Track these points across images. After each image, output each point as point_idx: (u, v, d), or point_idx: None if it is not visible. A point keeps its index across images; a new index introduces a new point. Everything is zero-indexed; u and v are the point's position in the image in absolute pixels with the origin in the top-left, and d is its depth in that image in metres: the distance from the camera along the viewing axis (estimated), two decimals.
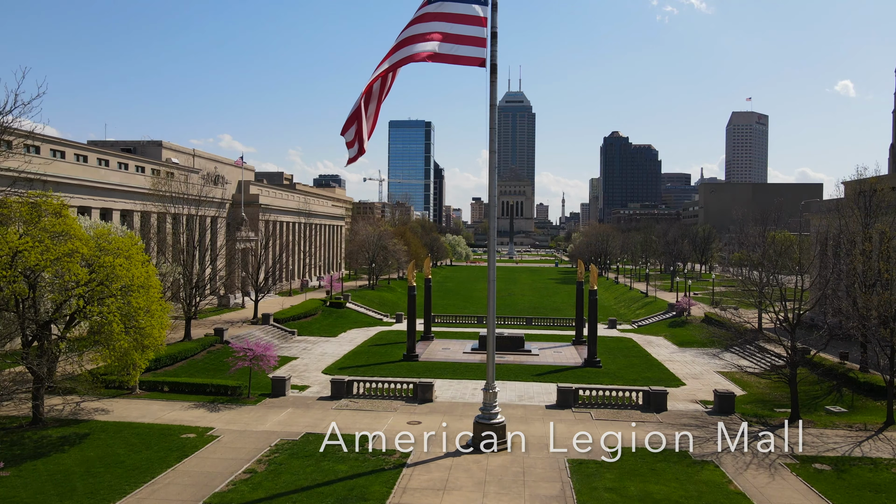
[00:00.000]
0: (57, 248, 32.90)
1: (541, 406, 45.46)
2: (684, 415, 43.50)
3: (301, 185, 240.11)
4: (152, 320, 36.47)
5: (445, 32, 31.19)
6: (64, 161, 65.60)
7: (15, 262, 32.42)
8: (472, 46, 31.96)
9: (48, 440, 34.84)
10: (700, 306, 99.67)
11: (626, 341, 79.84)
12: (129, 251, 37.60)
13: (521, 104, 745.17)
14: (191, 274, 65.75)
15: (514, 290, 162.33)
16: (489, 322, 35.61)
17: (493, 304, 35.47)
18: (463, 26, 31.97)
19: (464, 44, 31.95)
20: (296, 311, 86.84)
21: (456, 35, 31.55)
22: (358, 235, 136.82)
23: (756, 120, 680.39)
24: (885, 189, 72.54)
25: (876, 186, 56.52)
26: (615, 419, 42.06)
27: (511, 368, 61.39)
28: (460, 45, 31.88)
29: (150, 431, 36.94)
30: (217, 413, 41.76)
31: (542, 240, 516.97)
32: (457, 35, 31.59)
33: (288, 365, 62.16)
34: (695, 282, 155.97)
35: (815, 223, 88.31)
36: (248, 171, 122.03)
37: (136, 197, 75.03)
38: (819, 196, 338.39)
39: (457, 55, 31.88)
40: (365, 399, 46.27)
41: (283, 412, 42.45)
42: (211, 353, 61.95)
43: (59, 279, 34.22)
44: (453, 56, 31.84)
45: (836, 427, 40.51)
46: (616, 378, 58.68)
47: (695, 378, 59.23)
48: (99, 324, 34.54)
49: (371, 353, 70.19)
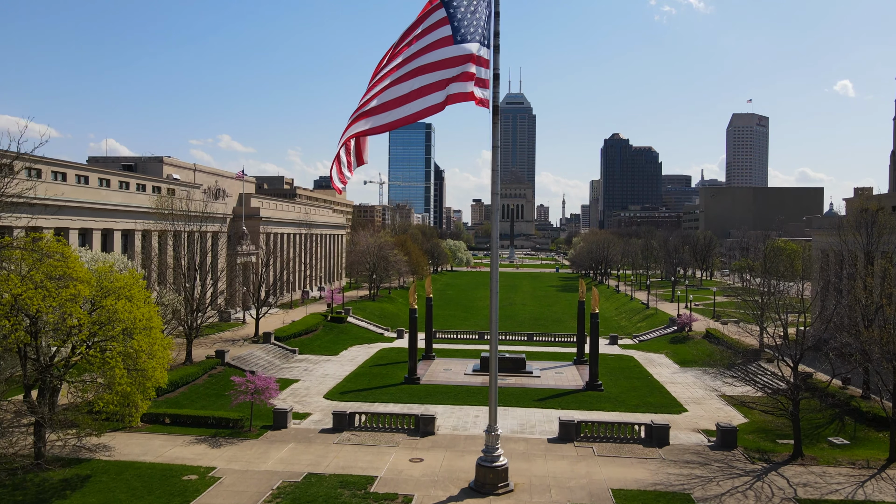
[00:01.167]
0: (59, 294, 32.84)
1: (542, 440, 45.36)
2: (687, 450, 43.40)
3: (302, 190, 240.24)
4: (154, 362, 36.41)
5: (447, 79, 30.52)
6: (65, 184, 65.59)
7: (17, 309, 32.37)
8: (478, 88, 31.49)
9: (50, 484, 34.76)
10: (701, 321, 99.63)
11: (627, 360, 79.76)
12: (131, 290, 37.53)
13: (521, 105, 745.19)
14: (192, 297, 65.67)
15: (515, 299, 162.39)
16: (492, 369, 35.44)
17: (495, 359, 35.36)
18: (463, 66, 31.55)
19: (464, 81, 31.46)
20: (297, 328, 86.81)
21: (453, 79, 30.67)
22: (358, 246, 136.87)
23: (756, 122, 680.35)
24: (887, 209, 72.57)
25: (878, 205, 56.59)
26: (618, 454, 41.97)
27: (512, 392, 61.34)
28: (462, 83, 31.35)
29: (152, 473, 36.84)
30: (219, 449, 41.68)
31: (543, 243, 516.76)
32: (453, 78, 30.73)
33: (289, 389, 62.15)
34: (695, 290, 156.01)
35: (817, 239, 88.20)
36: (249, 184, 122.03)
37: (138, 216, 75.03)
38: (820, 200, 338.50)
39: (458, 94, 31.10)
40: (366, 432, 46.19)
41: (285, 447, 42.37)
42: (212, 377, 61.91)
43: (62, 323, 34.14)
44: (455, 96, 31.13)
45: (838, 464, 40.40)
46: (618, 403, 58.65)
47: (697, 403, 59.17)
48: (101, 368, 34.46)
49: (372, 374, 70.13)
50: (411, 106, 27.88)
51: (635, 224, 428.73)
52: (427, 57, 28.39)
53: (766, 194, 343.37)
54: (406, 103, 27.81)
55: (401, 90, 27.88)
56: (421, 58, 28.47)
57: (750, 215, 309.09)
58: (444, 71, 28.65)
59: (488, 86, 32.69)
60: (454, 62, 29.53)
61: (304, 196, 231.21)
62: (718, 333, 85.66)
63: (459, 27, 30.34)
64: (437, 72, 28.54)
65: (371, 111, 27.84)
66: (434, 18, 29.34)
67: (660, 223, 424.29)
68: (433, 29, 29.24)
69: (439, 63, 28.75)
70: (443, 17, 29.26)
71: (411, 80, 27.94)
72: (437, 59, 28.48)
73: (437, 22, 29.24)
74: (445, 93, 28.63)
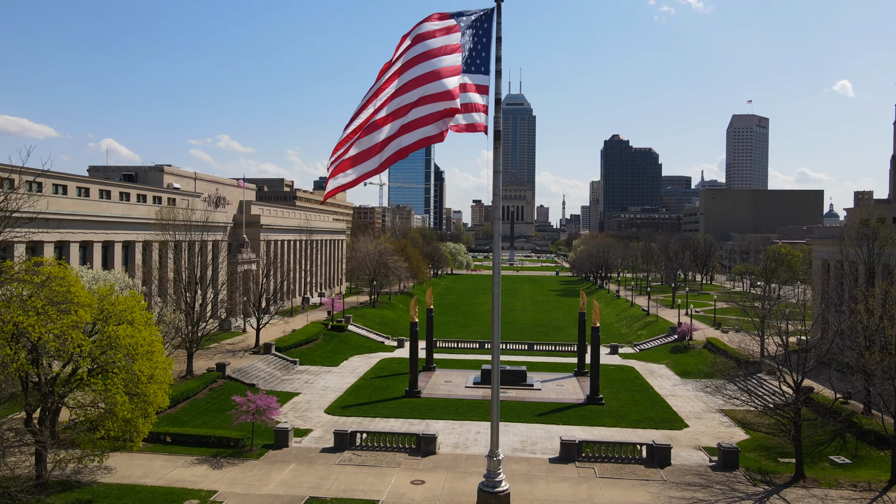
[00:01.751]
0: (61, 320, 32.81)
1: (544, 459, 45.34)
2: (688, 471, 43.37)
3: (301, 192, 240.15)
4: (155, 386, 36.39)
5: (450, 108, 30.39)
6: (66, 197, 65.53)
7: (19, 335, 32.34)
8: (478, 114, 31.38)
9: None
10: (702, 330, 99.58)
11: (627, 371, 79.73)
12: (132, 313, 37.50)
13: (521, 107, 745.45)
14: (193, 310, 65.61)
15: (516, 304, 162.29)
16: (493, 402, 35.36)
17: (496, 391, 35.26)
18: (466, 95, 31.46)
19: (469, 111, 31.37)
20: (297, 338, 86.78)
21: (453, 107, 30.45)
22: (358, 253, 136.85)
23: (756, 123, 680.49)
24: (888, 220, 72.52)
25: (879, 215, 56.58)
26: (619, 476, 41.95)
27: (513, 406, 61.31)
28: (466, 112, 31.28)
29: (154, 497, 36.81)
30: (220, 470, 41.64)
31: (543, 244, 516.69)
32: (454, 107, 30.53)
33: (290, 402, 62.12)
34: (696, 295, 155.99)
35: (818, 250, 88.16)
36: (250, 191, 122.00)
37: (139, 228, 74.99)
38: (820, 202, 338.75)
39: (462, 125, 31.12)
40: (368, 451, 46.16)
41: (286, 469, 42.34)
42: (213, 391, 61.88)
43: (63, 349, 34.09)
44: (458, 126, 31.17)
45: (840, 486, 40.37)
46: (619, 418, 58.63)
47: (697, 418, 59.12)
48: (102, 395, 34.44)
49: (373, 386, 70.09)
50: (408, 137, 27.61)
51: (635, 226, 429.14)
52: (423, 90, 27.94)
53: (767, 196, 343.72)
54: (403, 134, 27.56)
55: (395, 127, 27.52)
56: (417, 90, 28.06)
57: (750, 217, 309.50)
58: (441, 103, 28.37)
59: (486, 111, 32.64)
60: (450, 95, 29.23)
61: (304, 199, 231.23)
62: (719, 343, 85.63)
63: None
64: (435, 103, 28.24)
65: (366, 153, 27.33)
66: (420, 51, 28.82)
67: (660, 225, 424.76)
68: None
69: (436, 95, 28.49)
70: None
71: (411, 111, 27.63)
72: (434, 92, 28.16)
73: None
74: (443, 124, 28.44)
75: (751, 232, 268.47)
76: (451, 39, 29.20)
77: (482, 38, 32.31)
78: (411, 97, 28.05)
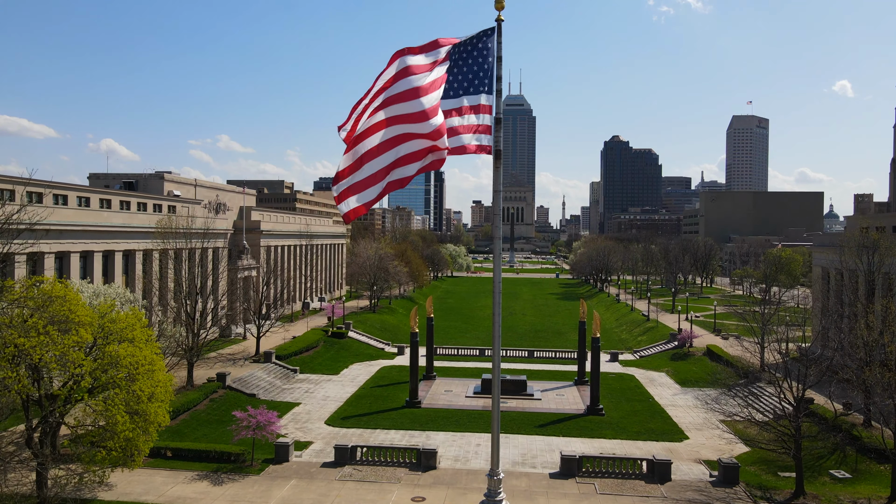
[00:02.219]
0: (62, 341, 32.80)
1: (544, 475, 45.36)
2: (689, 486, 43.40)
3: (302, 194, 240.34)
4: (156, 404, 36.39)
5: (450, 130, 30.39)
6: (66, 208, 65.56)
7: (19, 357, 32.34)
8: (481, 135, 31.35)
9: None
10: (702, 336, 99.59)
11: (628, 380, 79.74)
12: (133, 330, 37.48)
13: (521, 107, 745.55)
14: (193, 319, 65.61)
15: (516, 308, 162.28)
16: (494, 426, 35.26)
17: (497, 415, 35.17)
18: (466, 117, 31.46)
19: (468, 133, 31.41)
20: (297, 346, 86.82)
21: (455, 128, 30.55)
22: (358, 258, 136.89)
23: (756, 124, 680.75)
24: (888, 230, 72.57)
25: (880, 224, 56.63)
26: (619, 492, 41.98)
27: (514, 417, 61.34)
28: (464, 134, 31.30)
29: None
30: (221, 487, 41.67)
31: (543, 245, 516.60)
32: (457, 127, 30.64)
33: (290, 413, 62.13)
34: (696, 299, 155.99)
35: (818, 257, 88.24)
36: (250, 196, 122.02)
37: (139, 237, 75.01)
38: (820, 204, 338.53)
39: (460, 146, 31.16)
40: (368, 466, 46.18)
41: (286, 485, 42.36)
42: (213, 402, 61.89)
43: (63, 369, 34.09)
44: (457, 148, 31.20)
45: (840, 503, 40.39)
46: (619, 430, 58.64)
47: (698, 430, 59.13)
48: (103, 414, 34.43)
49: (374, 396, 70.10)
50: (411, 167, 27.67)
51: (635, 227, 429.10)
52: (411, 128, 28.08)
53: (767, 198, 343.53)
54: (405, 164, 27.58)
55: (395, 155, 27.57)
56: (405, 126, 28.22)
57: (750, 219, 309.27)
58: (426, 140, 28.57)
59: (489, 132, 32.64)
60: (438, 133, 29.23)
61: (305, 200, 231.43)
62: (720, 351, 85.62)
63: (454, 81, 30.38)
64: (421, 140, 28.37)
65: (368, 180, 27.34)
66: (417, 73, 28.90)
67: (660, 226, 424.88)
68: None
69: (425, 135, 28.64)
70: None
71: (408, 141, 27.70)
72: (422, 132, 28.34)
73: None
74: (437, 155, 28.58)
75: (751, 233, 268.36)
76: (439, 72, 29.20)
77: (484, 58, 32.34)
78: (400, 130, 28.29)
